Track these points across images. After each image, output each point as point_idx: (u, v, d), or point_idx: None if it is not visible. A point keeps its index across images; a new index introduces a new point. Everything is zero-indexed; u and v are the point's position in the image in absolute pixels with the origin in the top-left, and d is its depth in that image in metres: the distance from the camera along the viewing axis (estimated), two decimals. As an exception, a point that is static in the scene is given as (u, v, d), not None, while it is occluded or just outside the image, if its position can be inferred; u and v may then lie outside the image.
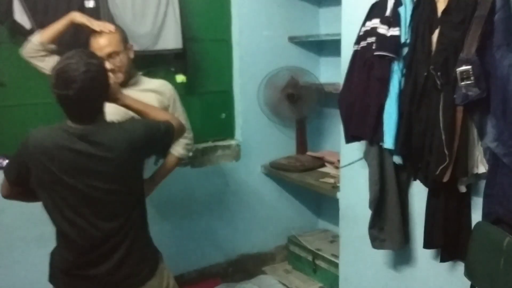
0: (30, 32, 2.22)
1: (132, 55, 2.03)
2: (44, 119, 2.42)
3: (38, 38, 1.96)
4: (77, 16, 1.96)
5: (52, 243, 2.37)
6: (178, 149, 2.15)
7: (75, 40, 2.22)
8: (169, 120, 1.67)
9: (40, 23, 2.22)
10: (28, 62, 2.04)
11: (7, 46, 2.29)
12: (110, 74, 1.69)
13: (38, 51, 1.96)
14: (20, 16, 2.20)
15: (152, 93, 2.03)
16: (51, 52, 1.98)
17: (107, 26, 1.93)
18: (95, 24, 1.92)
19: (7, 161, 2.28)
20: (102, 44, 1.91)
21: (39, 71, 2.05)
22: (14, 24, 2.22)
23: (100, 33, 1.93)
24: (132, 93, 1.82)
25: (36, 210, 2.34)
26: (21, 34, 2.25)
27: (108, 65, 1.81)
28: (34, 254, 2.38)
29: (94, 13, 2.29)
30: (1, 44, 2.28)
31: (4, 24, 2.24)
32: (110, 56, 1.91)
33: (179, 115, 2.09)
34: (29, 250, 2.38)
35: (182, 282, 2.74)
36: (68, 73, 1.43)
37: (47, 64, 1.93)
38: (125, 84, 1.97)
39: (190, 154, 2.28)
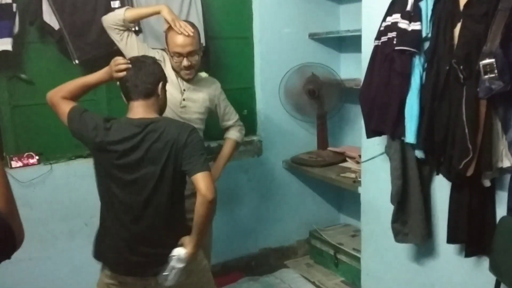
0: (59, 32, 2.30)
1: (201, 54, 2.16)
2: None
3: (122, 14, 2.01)
4: (164, 11, 2.03)
5: (79, 237, 2.47)
6: (234, 132, 2.34)
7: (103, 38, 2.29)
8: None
9: (68, 23, 2.29)
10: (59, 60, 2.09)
11: (36, 46, 2.37)
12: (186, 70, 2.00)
13: (118, 24, 2.02)
14: (49, 17, 2.27)
15: (205, 94, 2.19)
16: (129, 30, 2.06)
17: (188, 29, 2.00)
18: (177, 25, 2.00)
19: (37, 157, 2.38)
20: (184, 42, 2.00)
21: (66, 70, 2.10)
22: (43, 25, 2.29)
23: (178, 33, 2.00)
24: (190, 93, 2.12)
25: (64, 206, 2.45)
26: (49, 35, 2.33)
27: (186, 62, 2.00)
28: (62, 248, 2.47)
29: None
30: (30, 44, 2.35)
31: (33, 25, 2.31)
32: (189, 54, 2.01)
33: (226, 106, 2.32)
34: (57, 244, 2.46)
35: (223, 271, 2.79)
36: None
37: (121, 39, 2.04)
38: (192, 80, 2.12)
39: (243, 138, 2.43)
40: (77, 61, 2.32)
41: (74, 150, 2.49)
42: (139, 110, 1.66)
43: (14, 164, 2.33)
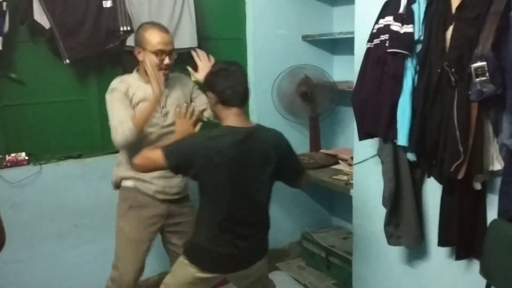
0: (49, 31, 2.27)
1: None
2: (62, 117, 2.48)
3: (133, 128, 1.88)
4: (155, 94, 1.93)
5: (68, 239, 2.44)
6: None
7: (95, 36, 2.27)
8: None
9: (59, 22, 2.27)
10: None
11: (27, 45, 2.34)
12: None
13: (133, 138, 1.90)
14: (40, 16, 2.25)
15: (180, 92, 2.13)
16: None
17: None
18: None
19: (27, 158, 2.35)
20: (167, 40, 1.97)
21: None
22: (34, 24, 2.26)
23: (158, 31, 1.97)
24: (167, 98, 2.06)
25: (53, 207, 2.42)
26: (40, 34, 2.30)
27: (168, 60, 1.96)
28: (52, 250, 2.44)
29: (112, 13, 2.33)
30: (20, 43, 2.32)
31: (23, 24, 2.28)
32: (170, 52, 1.98)
33: (201, 96, 2.19)
34: (47, 246, 2.43)
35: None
36: None
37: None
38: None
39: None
40: (67, 61, 2.30)
41: (64, 151, 2.47)
42: (239, 118, 1.74)
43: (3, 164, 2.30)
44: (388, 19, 1.88)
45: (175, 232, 2.16)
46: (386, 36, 1.87)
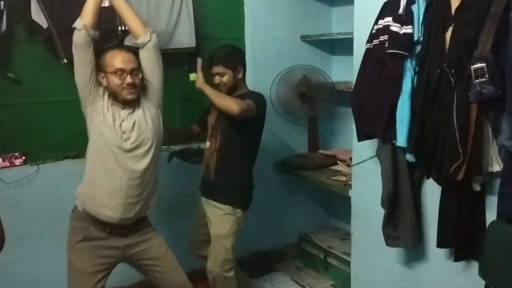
0: (47, 31, 2.26)
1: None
2: (60, 117, 2.47)
3: (79, 21, 1.88)
4: None
5: (65, 240, 2.42)
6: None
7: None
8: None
9: (57, 22, 2.26)
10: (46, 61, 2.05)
11: (24, 45, 2.33)
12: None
13: (86, 37, 1.87)
14: (37, 15, 2.24)
15: (141, 108, 2.02)
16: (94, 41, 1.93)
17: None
18: None
19: (23, 158, 2.34)
20: (127, 59, 1.92)
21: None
22: (31, 23, 2.25)
23: (118, 51, 1.96)
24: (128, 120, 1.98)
25: (50, 207, 2.41)
26: (38, 33, 2.29)
27: (129, 79, 1.91)
28: (48, 249, 2.42)
29: (109, 12, 2.31)
30: (18, 43, 2.31)
31: (21, 23, 2.27)
32: (132, 71, 1.92)
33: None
34: (43, 246, 2.42)
35: (195, 278, 2.76)
36: None
37: (90, 58, 1.90)
38: (131, 103, 1.99)
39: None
40: (65, 60, 2.28)
41: (61, 151, 2.46)
42: None
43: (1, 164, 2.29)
44: (388, 20, 1.88)
45: (139, 257, 2.06)
46: (385, 37, 1.87)
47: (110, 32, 2.35)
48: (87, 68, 1.89)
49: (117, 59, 1.91)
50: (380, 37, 1.90)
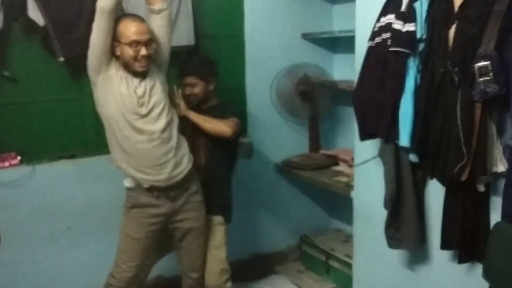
0: (44, 29, 2.24)
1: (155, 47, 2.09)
2: (56, 116, 2.45)
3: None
4: None
5: (61, 241, 2.41)
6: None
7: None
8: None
9: (54, 20, 2.24)
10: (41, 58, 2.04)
11: (21, 43, 2.31)
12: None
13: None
14: (34, 13, 2.22)
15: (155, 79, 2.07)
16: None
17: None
18: None
19: (19, 158, 2.33)
20: (142, 29, 1.94)
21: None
22: (28, 21, 2.24)
23: (132, 21, 1.95)
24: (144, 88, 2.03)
25: (47, 208, 2.39)
26: (34, 31, 2.28)
27: (144, 51, 1.92)
28: (45, 252, 2.41)
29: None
30: (14, 41, 2.29)
31: (17, 21, 2.25)
32: (147, 42, 1.94)
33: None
34: (39, 248, 2.40)
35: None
36: None
37: (110, 25, 1.90)
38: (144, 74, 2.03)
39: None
40: (62, 59, 2.28)
41: (57, 151, 2.44)
42: None
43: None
44: (390, 17, 1.86)
45: (178, 228, 2.16)
46: (387, 35, 1.85)
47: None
48: (109, 34, 1.91)
49: (131, 30, 1.92)
50: (383, 35, 1.88)
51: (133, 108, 1.95)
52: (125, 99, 1.94)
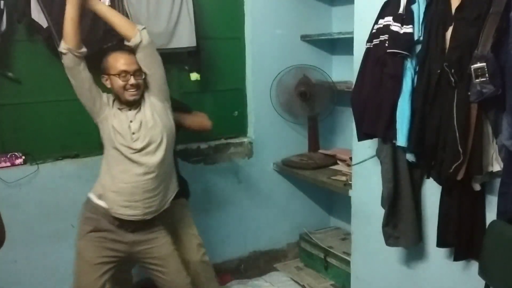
0: (47, 30, 2.26)
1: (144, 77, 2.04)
2: (60, 116, 2.47)
3: (63, 44, 1.90)
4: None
5: (65, 239, 2.42)
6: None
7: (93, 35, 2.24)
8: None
9: (57, 21, 2.25)
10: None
11: (24, 44, 2.33)
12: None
13: (74, 58, 1.90)
14: (37, 14, 2.23)
15: (148, 105, 2.02)
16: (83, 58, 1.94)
17: None
18: None
19: (23, 157, 2.35)
20: (130, 60, 1.94)
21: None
22: (31, 23, 2.25)
23: (120, 53, 1.97)
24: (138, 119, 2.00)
25: (51, 207, 2.41)
26: (38, 33, 2.29)
27: (133, 80, 1.93)
28: (48, 250, 2.43)
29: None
30: (18, 42, 2.31)
31: (21, 23, 2.27)
32: (135, 72, 1.94)
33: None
34: (43, 246, 2.41)
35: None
36: None
37: (84, 75, 1.93)
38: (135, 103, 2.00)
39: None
40: (65, 60, 2.28)
41: (61, 151, 2.46)
42: None
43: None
44: (388, 19, 1.87)
45: (144, 254, 2.07)
46: (385, 37, 1.87)
47: (108, 32, 2.35)
48: (85, 84, 1.93)
49: (120, 61, 1.93)
50: (380, 36, 1.90)
51: (127, 142, 1.93)
52: (118, 134, 1.93)
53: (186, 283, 2.13)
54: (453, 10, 1.68)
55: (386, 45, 1.86)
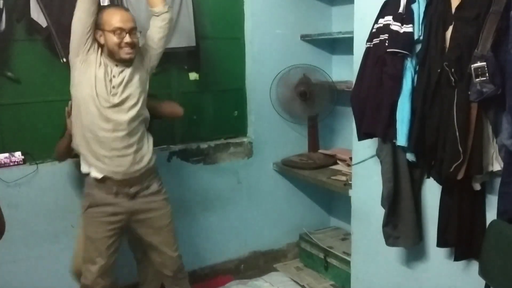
0: (46, 30, 2.26)
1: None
2: (59, 116, 2.46)
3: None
4: None
5: (65, 239, 2.42)
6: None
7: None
8: None
9: (56, 21, 2.25)
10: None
11: (23, 44, 2.32)
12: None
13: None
14: (37, 14, 2.23)
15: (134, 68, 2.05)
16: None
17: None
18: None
19: (23, 157, 2.34)
20: (126, 17, 1.95)
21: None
22: (31, 22, 2.25)
23: (116, 10, 1.99)
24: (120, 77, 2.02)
25: (50, 207, 2.41)
26: (37, 32, 2.29)
27: (128, 38, 1.93)
28: (48, 250, 2.42)
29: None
30: (17, 42, 2.30)
31: (20, 23, 2.26)
32: (131, 30, 1.95)
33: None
34: (43, 246, 2.41)
35: (195, 278, 2.77)
36: None
37: (93, 6, 1.92)
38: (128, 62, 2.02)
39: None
40: (65, 60, 2.26)
41: (60, 150, 2.45)
42: None
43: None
44: (388, 19, 1.87)
45: (141, 223, 2.12)
46: (385, 36, 1.87)
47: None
48: (90, 16, 1.92)
49: (115, 18, 1.93)
50: (380, 36, 1.90)
51: (104, 95, 1.95)
52: (99, 84, 1.94)
53: (172, 256, 2.17)
54: (453, 10, 1.69)
55: (386, 44, 1.86)
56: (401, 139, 1.85)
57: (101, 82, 1.95)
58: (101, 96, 1.94)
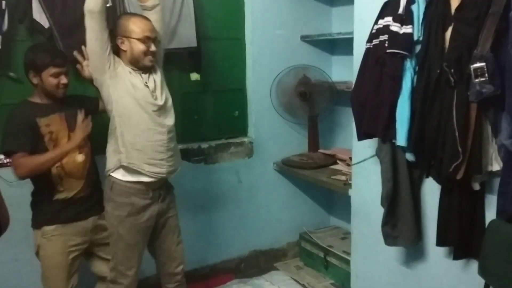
0: (48, 30, 2.27)
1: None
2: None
3: None
4: None
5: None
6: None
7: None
8: None
9: (58, 21, 2.27)
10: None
11: (26, 44, 2.31)
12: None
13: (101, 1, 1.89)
14: (39, 14, 2.24)
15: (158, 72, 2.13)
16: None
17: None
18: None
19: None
20: (152, 27, 2.00)
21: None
22: (33, 23, 2.26)
23: (142, 19, 2.02)
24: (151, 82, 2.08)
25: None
26: (39, 33, 2.30)
27: (153, 47, 1.99)
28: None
29: (111, 12, 2.32)
30: (19, 42, 2.31)
31: (22, 23, 2.27)
32: (155, 39, 2.01)
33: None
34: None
35: (195, 277, 2.78)
36: None
37: (104, 23, 1.92)
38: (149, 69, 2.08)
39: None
40: (65, 60, 2.29)
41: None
42: None
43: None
44: (388, 20, 1.88)
45: (162, 225, 2.19)
46: (385, 37, 1.88)
47: (111, 32, 2.35)
48: (105, 33, 1.93)
49: (142, 27, 1.96)
50: (380, 36, 1.90)
51: (149, 99, 1.98)
52: (140, 91, 1.97)
53: (175, 250, 2.22)
54: (453, 10, 1.69)
55: (386, 45, 1.86)
56: (401, 139, 1.86)
57: (141, 89, 1.98)
58: (146, 101, 1.98)
